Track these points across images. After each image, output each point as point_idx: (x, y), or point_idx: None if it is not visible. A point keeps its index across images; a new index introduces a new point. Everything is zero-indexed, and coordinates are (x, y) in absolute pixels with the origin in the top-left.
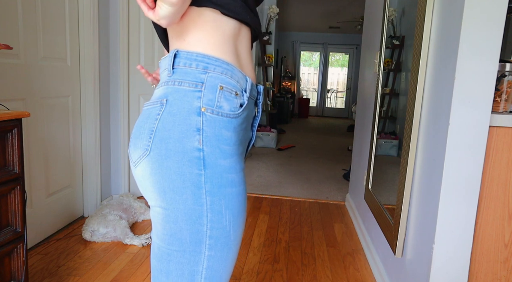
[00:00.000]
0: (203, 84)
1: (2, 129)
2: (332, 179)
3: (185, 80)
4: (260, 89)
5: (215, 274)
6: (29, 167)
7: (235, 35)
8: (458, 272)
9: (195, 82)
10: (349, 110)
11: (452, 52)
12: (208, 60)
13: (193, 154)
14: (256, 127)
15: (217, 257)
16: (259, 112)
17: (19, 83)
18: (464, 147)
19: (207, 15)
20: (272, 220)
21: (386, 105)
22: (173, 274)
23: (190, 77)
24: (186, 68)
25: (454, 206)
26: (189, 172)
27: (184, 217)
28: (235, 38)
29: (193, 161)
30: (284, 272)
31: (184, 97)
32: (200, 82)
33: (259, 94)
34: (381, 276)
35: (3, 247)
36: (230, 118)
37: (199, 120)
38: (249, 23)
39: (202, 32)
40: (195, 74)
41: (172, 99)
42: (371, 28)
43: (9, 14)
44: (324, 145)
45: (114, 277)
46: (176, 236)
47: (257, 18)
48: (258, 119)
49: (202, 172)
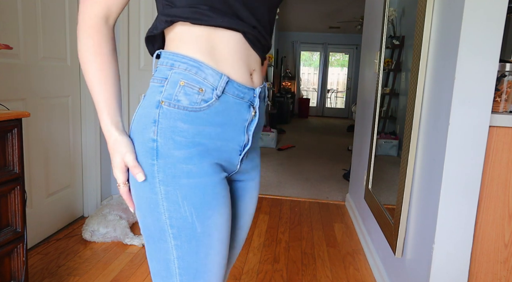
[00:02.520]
0: (167, 80)
1: (2, 129)
2: (332, 179)
3: (156, 77)
4: (257, 92)
5: (188, 266)
6: (29, 167)
7: (210, 35)
8: (458, 272)
9: (161, 78)
10: (349, 110)
11: (452, 52)
12: (176, 58)
13: (148, 144)
14: (253, 132)
15: (185, 248)
16: (256, 116)
17: (19, 83)
18: (464, 147)
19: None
20: (272, 220)
21: (386, 105)
22: (154, 259)
23: (159, 74)
24: (160, 67)
25: (454, 206)
26: (145, 161)
27: (145, 204)
28: (210, 37)
29: (148, 151)
30: (284, 272)
31: (152, 92)
32: (164, 78)
33: (255, 97)
34: (381, 276)
35: (3, 247)
36: (189, 111)
37: (157, 113)
38: (229, 27)
39: (177, 34)
40: (163, 71)
41: (146, 95)
42: (371, 28)
43: (9, 14)
44: (324, 145)
45: (114, 277)
46: (143, 223)
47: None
48: (255, 124)
49: (155, 161)
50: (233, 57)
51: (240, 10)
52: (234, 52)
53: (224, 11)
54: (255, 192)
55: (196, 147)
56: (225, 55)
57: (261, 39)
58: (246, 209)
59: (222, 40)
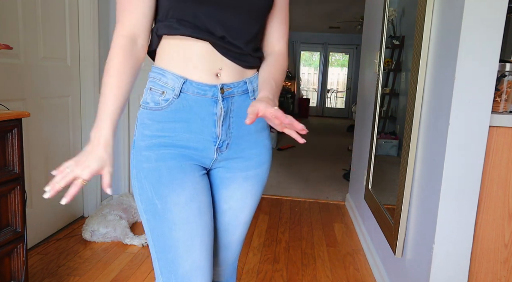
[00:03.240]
0: (146, 89)
1: (2, 129)
2: (332, 179)
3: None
4: (219, 87)
5: (158, 238)
6: (29, 167)
7: (180, 45)
8: (458, 272)
9: (146, 88)
10: (349, 110)
11: (452, 52)
12: (152, 69)
13: (133, 139)
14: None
15: (152, 222)
16: (224, 111)
17: (19, 83)
18: (464, 147)
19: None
20: (272, 220)
21: (386, 105)
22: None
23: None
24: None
25: (454, 206)
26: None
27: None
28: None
29: (132, 144)
30: (284, 272)
31: None
32: (146, 88)
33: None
34: (381, 276)
35: (3, 247)
36: (153, 111)
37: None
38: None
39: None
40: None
41: None
42: (371, 28)
43: (9, 14)
44: (324, 145)
45: (114, 277)
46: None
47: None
48: (221, 117)
49: (133, 150)
50: (196, 62)
51: (207, 23)
52: (198, 58)
53: (192, 23)
54: (245, 185)
55: (158, 138)
56: (189, 60)
57: (232, 47)
58: (230, 196)
59: (191, 48)
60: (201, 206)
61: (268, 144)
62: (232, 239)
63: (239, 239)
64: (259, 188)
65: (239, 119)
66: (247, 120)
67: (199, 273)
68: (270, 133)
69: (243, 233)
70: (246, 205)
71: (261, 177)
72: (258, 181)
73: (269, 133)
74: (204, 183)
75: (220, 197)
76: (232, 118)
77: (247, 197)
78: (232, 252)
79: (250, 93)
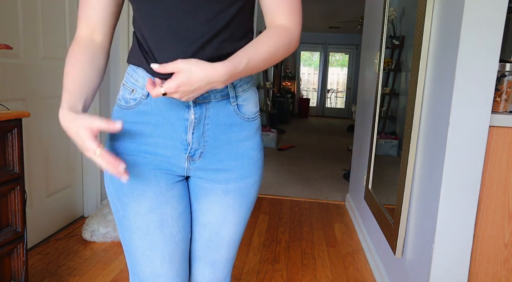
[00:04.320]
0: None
1: (2, 129)
2: (332, 179)
3: None
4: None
5: (124, 244)
6: (29, 167)
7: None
8: (458, 272)
9: None
10: (349, 110)
11: (452, 52)
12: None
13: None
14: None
15: (118, 227)
16: (196, 117)
17: (19, 83)
18: (464, 147)
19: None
20: (272, 220)
21: (386, 105)
22: None
23: None
24: None
25: (454, 206)
26: None
27: None
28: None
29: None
30: (284, 272)
31: None
32: None
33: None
34: (381, 276)
35: (3, 247)
36: (122, 109)
37: None
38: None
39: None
40: None
41: None
42: (371, 28)
43: (9, 14)
44: (324, 145)
45: (114, 277)
46: None
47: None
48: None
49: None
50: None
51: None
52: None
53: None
54: (225, 199)
55: (123, 136)
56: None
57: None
58: (208, 209)
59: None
60: (164, 218)
61: (255, 155)
62: (217, 257)
63: (226, 258)
64: (244, 204)
65: (216, 127)
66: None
67: (161, 280)
68: (261, 142)
69: (231, 251)
70: (227, 221)
71: (244, 191)
72: (240, 195)
73: (259, 143)
74: (174, 192)
75: (199, 208)
76: (208, 125)
77: (227, 212)
78: (219, 270)
79: (232, 98)
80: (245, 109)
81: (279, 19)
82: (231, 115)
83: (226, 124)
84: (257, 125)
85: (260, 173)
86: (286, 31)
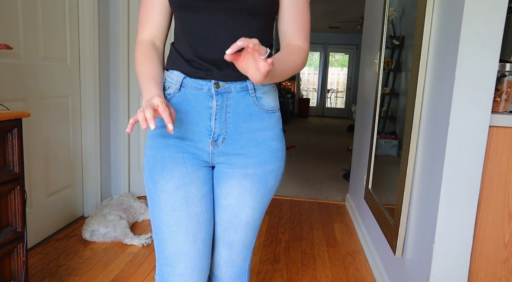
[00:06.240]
0: None
1: (2, 129)
2: (332, 179)
3: None
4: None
5: (152, 219)
6: (29, 167)
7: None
8: (458, 272)
9: None
10: (349, 110)
11: (452, 52)
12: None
13: None
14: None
15: (149, 205)
16: (218, 105)
17: (19, 83)
18: (464, 147)
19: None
20: (272, 220)
21: (386, 105)
22: None
23: None
24: None
25: (454, 206)
26: None
27: None
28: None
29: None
30: (284, 272)
31: None
32: None
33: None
34: (381, 276)
35: (3, 247)
36: None
37: None
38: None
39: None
40: None
41: None
42: (371, 28)
43: (9, 14)
44: (324, 145)
45: (114, 277)
46: None
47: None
48: (226, 112)
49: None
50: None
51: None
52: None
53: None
54: (243, 182)
55: (159, 129)
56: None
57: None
58: (228, 193)
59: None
60: (189, 196)
61: (274, 145)
62: (234, 239)
63: (244, 241)
64: (261, 190)
65: (237, 115)
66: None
67: (182, 259)
68: (281, 134)
69: (247, 235)
70: (244, 204)
71: (261, 177)
72: (258, 181)
73: (280, 134)
74: (198, 174)
75: (220, 192)
76: (229, 113)
77: (245, 195)
78: (235, 252)
79: (250, 90)
80: (264, 101)
81: (295, 40)
82: (250, 106)
83: (246, 113)
84: (276, 118)
85: (280, 163)
86: (302, 51)
